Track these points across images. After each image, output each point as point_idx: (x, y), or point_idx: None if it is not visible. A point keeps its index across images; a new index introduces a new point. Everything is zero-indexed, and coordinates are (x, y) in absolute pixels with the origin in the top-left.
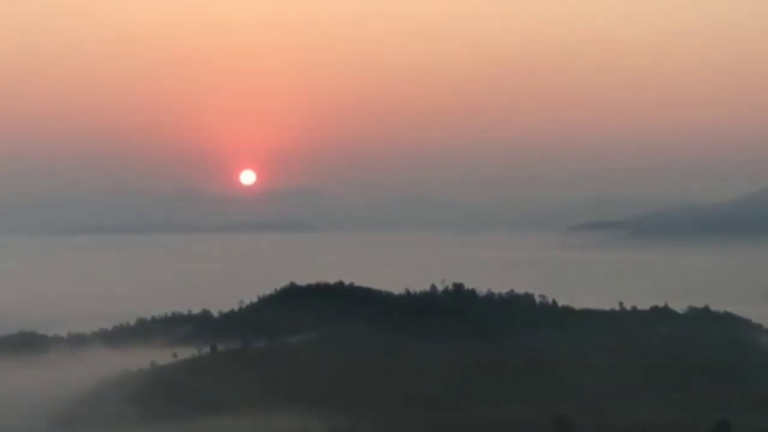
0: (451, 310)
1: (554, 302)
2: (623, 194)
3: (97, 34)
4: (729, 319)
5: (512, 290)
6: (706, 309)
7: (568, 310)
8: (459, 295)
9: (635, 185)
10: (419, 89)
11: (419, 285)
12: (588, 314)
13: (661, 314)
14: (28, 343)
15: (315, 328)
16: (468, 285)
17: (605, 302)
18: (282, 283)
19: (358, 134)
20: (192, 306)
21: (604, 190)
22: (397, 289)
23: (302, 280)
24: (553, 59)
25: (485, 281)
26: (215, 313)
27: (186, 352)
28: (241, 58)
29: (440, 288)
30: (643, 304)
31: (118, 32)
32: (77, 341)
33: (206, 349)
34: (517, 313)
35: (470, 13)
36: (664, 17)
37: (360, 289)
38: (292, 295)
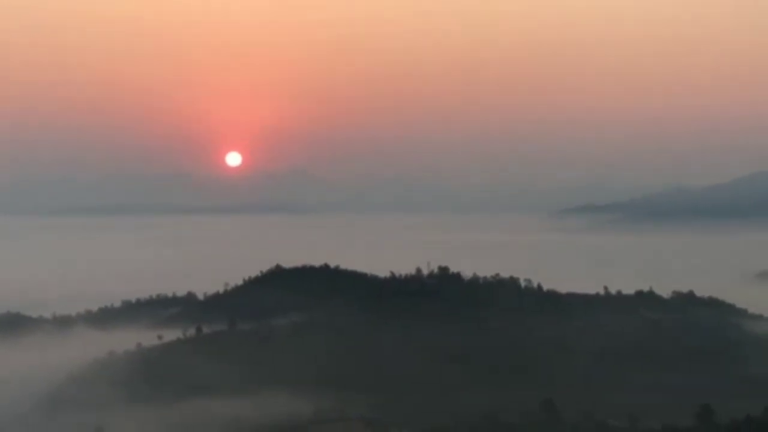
0: (436, 294)
1: (539, 286)
2: (613, 178)
3: (92, 26)
4: (713, 303)
5: (497, 274)
6: (691, 294)
7: (552, 294)
8: (444, 279)
9: (625, 170)
10: (409, 75)
11: (405, 268)
12: (573, 298)
13: (645, 299)
14: (13, 325)
15: (301, 311)
16: (454, 268)
17: (591, 286)
18: (268, 265)
19: (344, 117)
20: (177, 288)
21: (594, 175)
22: (382, 272)
23: (288, 263)
24: (545, 50)
25: (471, 265)
26: (201, 296)
27: (172, 334)
28: (227, 41)
29: (426, 271)
30: (629, 289)
31: (111, 22)
32: (63, 323)
33: (192, 331)
34: (501, 296)
35: (467, 4)
36: (658, 9)
37: (346, 271)
38: (278, 278)
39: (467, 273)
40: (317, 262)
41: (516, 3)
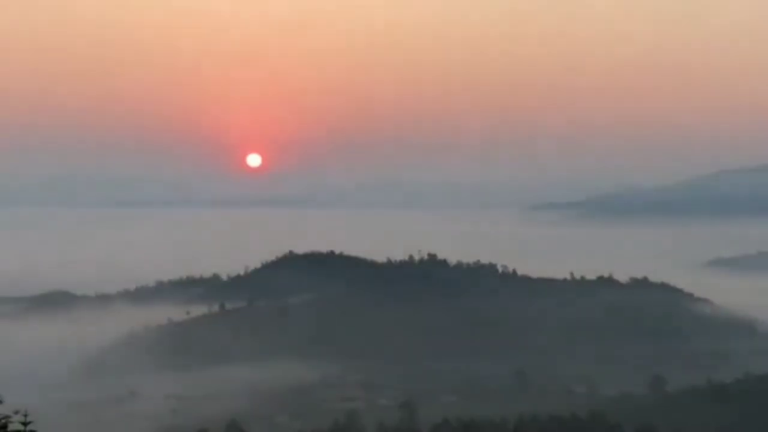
0: (426, 277)
1: (514, 271)
2: (575, 179)
3: (130, 39)
4: (664, 288)
5: (478, 260)
6: (645, 279)
7: (526, 279)
8: (432, 264)
9: (586, 172)
10: (398, 87)
11: (399, 255)
12: (543, 282)
13: (606, 283)
14: (61, 301)
15: (310, 290)
16: (440, 256)
17: (559, 272)
18: (282, 251)
19: (348, 125)
20: (203, 270)
21: (560, 174)
22: (380, 258)
23: (299, 249)
24: (519, 57)
25: (455, 253)
26: (224, 277)
27: (198, 310)
28: (253, 60)
29: (417, 258)
30: (591, 275)
31: (149, 35)
32: (104, 300)
33: (216, 308)
34: (482, 280)
35: (452, 21)
36: (615, 21)
37: (348, 257)
38: (290, 262)
39: (452, 259)
40: (324, 249)
41: (497, 26)
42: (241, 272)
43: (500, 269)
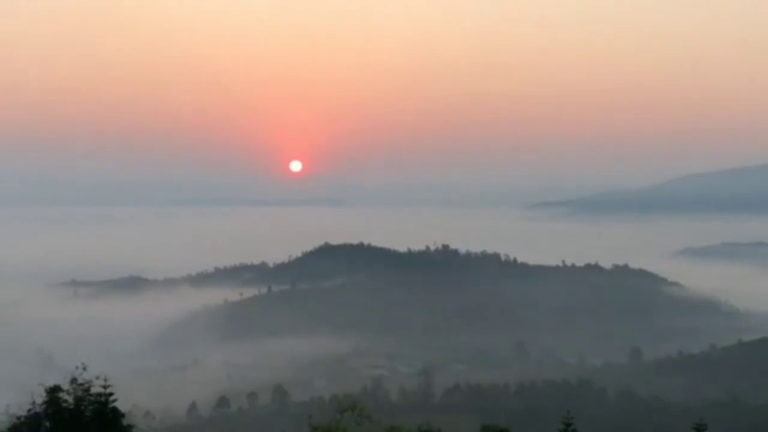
0: (440, 264)
1: (515, 260)
2: (567, 180)
3: (202, 62)
4: (642, 273)
5: (484, 250)
6: (626, 266)
7: (524, 266)
8: (446, 253)
9: (576, 174)
10: (422, 99)
11: (418, 245)
12: (539, 269)
13: (592, 269)
14: (134, 285)
15: (343, 275)
16: (452, 246)
17: (552, 260)
18: (319, 242)
19: (375, 138)
20: (254, 258)
21: (554, 177)
22: (401, 248)
23: (334, 241)
24: (523, 82)
25: (465, 243)
26: (271, 264)
27: (250, 292)
28: (296, 83)
29: (432, 248)
30: (580, 262)
31: (216, 60)
32: (170, 284)
33: (264, 290)
34: (488, 267)
35: (466, 47)
36: (602, 46)
37: (375, 248)
38: (327, 252)
39: (462, 249)
40: (355, 241)
41: (506, 53)
42: (286, 260)
43: (503, 258)
